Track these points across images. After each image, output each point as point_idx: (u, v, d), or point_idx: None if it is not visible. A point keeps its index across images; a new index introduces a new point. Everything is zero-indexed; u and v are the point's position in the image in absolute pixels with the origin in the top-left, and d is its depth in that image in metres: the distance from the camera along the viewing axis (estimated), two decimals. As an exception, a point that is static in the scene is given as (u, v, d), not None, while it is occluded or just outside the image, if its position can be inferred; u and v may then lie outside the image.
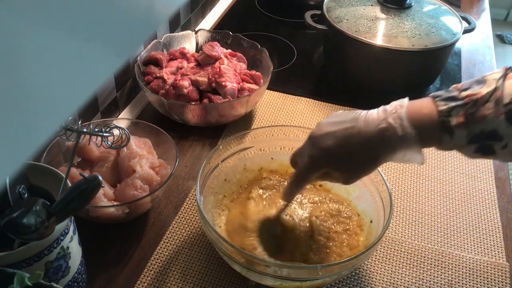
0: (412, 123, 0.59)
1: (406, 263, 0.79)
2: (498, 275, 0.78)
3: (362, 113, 0.63)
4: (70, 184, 0.60)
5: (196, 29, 1.18)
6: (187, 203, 0.87)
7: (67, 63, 0.21)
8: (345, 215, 0.79)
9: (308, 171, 0.68)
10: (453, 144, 0.59)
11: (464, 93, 0.59)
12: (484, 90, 0.58)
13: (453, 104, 0.58)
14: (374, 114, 0.62)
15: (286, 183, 0.72)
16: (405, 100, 0.62)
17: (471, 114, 0.57)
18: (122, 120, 0.95)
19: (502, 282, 0.77)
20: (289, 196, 0.74)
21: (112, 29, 0.23)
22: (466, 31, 1.14)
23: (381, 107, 0.63)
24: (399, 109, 0.61)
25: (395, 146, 0.61)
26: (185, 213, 0.85)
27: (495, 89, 0.57)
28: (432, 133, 0.59)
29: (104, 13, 0.22)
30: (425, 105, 0.60)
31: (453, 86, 0.61)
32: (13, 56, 0.18)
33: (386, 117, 0.61)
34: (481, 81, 0.59)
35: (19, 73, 0.18)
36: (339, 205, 0.81)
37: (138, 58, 1.05)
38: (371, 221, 0.77)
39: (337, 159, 0.65)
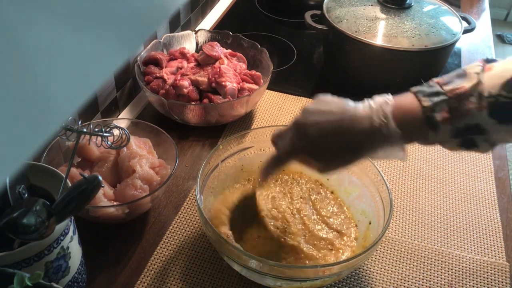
0: (397, 122, 0.59)
1: (406, 263, 0.79)
2: (498, 275, 0.78)
3: (350, 106, 0.63)
4: (70, 184, 0.60)
5: (196, 29, 1.18)
6: (187, 203, 0.87)
7: (70, 59, 0.21)
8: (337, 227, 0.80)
9: (287, 155, 0.68)
10: (438, 139, 0.60)
11: (447, 88, 0.59)
12: (466, 84, 0.58)
13: (436, 99, 0.59)
14: (361, 110, 0.62)
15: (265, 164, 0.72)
16: (390, 97, 0.62)
17: (456, 109, 0.58)
18: (122, 120, 0.95)
19: (502, 282, 0.77)
20: (265, 176, 0.74)
21: (120, 21, 0.23)
22: (466, 31, 1.14)
23: (366, 103, 0.63)
24: (385, 107, 0.61)
25: (379, 143, 0.61)
26: (185, 213, 0.85)
27: (477, 83, 0.58)
28: (417, 130, 0.60)
29: (111, 4, 0.22)
30: (409, 102, 0.60)
31: (434, 80, 0.61)
32: (14, 54, 0.18)
33: (372, 115, 0.61)
34: (462, 75, 0.60)
35: (21, 71, 0.18)
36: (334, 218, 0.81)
37: (138, 58, 1.05)
38: (370, 223, 0.77)
39: (319, 149, 0.65)
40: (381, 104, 0.61)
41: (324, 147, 0.64)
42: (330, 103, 0.65)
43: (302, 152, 0.67)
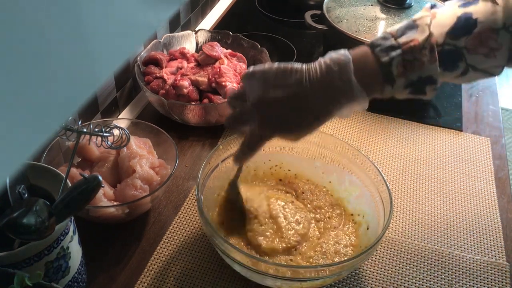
0: (359, 80, 0.62)
1: (406, 263, 0.79)
2: (498, 275, 0.78)
3: (304, 73, 0.64)
4: (70, 184, 0.60)
5: (196, 29, 1.18)
6: (187, 203, 0.87)
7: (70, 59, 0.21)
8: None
9: (259, 138, 0.69)
10: (393, 92, 0.63)
11: (401, 40, 0.62)
12: (419, 37, 0.61)
13: (393, 54, 0.61)
14: (318, 74, 0.63)
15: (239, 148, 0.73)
16: (347, 53, 0.63)
17: (410, 62, 0.61)
18: (122, 120, 0.95)
19: (502, 282, 0.77)
20: (240, 161, 0.75)
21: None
22: (466, 31, 1.14)
23: (323, 64, 0.64)
24: (344, 66, 0.62)
25: (343, 102, 0.63)
26: (185, 213, 0.85)
27: (429, 35, 0.61)
28: (375, 85, 0.63)
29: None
30: (367, 58, 0.63)
31: (388, 31, 0.64)
32: (14, 52, 0.18)
33: (333, 78, 0.62)
34: (413, 26, 0.63)
35: (19, 69, 0.18)
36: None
37: (138, 58, 1.05)
38: (367, 228, 0.77)
39: (288, 121, 0.66)
40: (339, 63, 0.63)
41: (293, 119, 0.65)
42: (284, 74, 0.66)
43: (271, 130, 0.67)
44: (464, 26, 0.61)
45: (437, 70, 0.61)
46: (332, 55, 0.64)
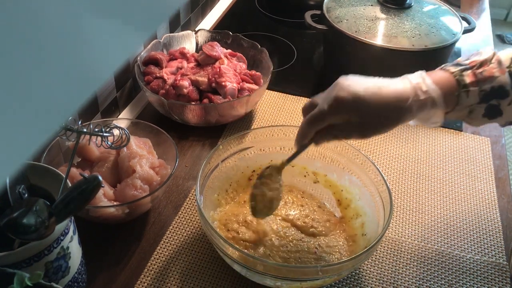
0: (438, 87, 0.65)
1: (406, 263, 0.79)
2: (498, 275, 0.78)
3: (411, 99, 0.65)
4: (70, 184, 0.60)
5: (196, 29, 1.18)
6: (187, 203, 0.87)
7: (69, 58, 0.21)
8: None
9: (329, 112, 0.65)
10: (468, 102, 0.65)
11: (467, 61, 0.67)
12: (484, 56, 0.66)
13: (462, 67, 0.66)
14: (400, 83, 0.65)
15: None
16: (422, 72, 0.67)
17: (480, 74, 0.65)
18: (122, 120, 0.95)
19: (502, 282, 0.77)
20: (302, 139, 0.69)
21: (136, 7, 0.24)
22: (466, 31, 1.14)
23: (405, 79, 0.66)
24: (425, 77, 0.65)
25: (423, 108, 0.65)
26: (185, 213, 0.85)
27: (493, 54, 0.66)
28: (452, 93, 0.65)
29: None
30: (439, 73, 0.67)
31: (454, 61, 0.69)
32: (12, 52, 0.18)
33: (415, 88, 0.64)
34: (477, 54, 0.68)
35: (20, 69, 0.18)
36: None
37: (138, 58, 1.05)
38: (363, 234, 0.77)
39: (365, 107, 0.63)
40: (418, 78, 0.66)
41: (372, 106, 0.64)
42: (365, 82, 0.66)
43: (347, 109, 0.64)
44: None
45: (508, 81, 0.64)
46: (410, 75, 0.66)
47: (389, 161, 0.98)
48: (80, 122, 0.69)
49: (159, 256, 0.78)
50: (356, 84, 0.64)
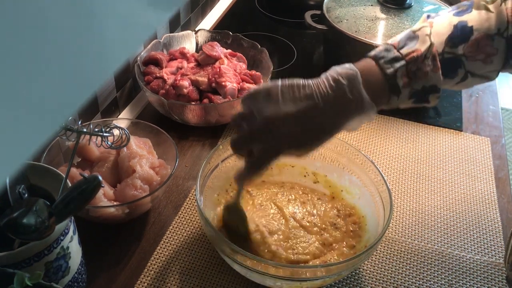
0: (367, 92, 0.62)
1: (406, 263, 0.79)
2: (498, 275, 0.78)
3: (312, 87, 0.62)
4: (70, 184, 0.60)
5: (196, 29, 1.18)
6: (187, 203, 0.87)
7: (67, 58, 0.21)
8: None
9: (272, 156, 0.65)
10: (398, 102, 0.64)
11: (403, 51, 0.63)
12: (420, 47, 0.63)
13: (397, 65, 0.62)
14: (328, 89, 0.62)
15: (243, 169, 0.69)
16: (353, 67, 0.63)
17: (414, 73, 0.62)
18: (122, 120, 0.95)
19: (502, 282, 0.77)
20: (245, 181, 0.71)
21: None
22: (466, 31, 1.14)
23: (330, 78, 0.62)
24: (353, 80, 0.62)
25: (354, 115, 0.63)
26: (185, 213, 0.85)
27: (430, 45, 0.62)
28: (382, 97, 0.64)
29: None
30: (372, 71, 0.63)
31: (389, 43, 0.65)
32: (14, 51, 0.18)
33: (343, 92, 0.61)
34: (413, 37, 0.64)
35: (20, 69, 0.18)
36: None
37: (138, 58, 1.05)
38: (367, 228, 0.77)
39: (300, 138, 0.63)
40: (348, 77, 0.62)
41: (306, 134, 0.63)
42: (292, 90, 0.63)
43: (285, 147, 0.64)
44: (461, 34, 0.63)
45: (441, 79, 0.63)
46: (338, 69, 0.63)
47: (389, 161, 0.98)
48: (80, 122, 0.69)
49: (159, 256, 0.78)
50: (286, 119, 0.62)
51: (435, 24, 0.65)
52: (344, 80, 0.62)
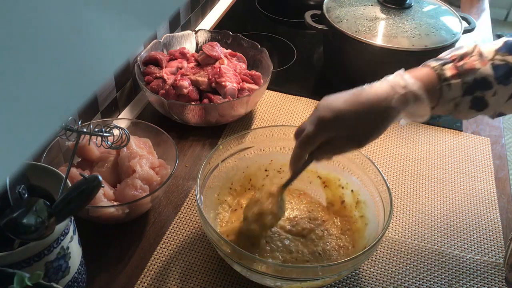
0: (418, 80, 0.64)
1: (406, 263, 0.79)
2: (498, 275, 0.78)
3: (388, 100, 0.64)
4: (70, 184, 0.60)
5: (196, 29, 1.18)
6: (187, 203, 0.87)
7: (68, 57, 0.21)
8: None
9: (316, 133, 0.66)
10: (451, 95, 0.65)
11: (448, 55, 0.67)
12: (464, 49, 0.66)
13: (442, 61, 0.66)
14: (377, 85, 0.66)
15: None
16: (401, 71, 0.67)
17: (461, 66, 0.65)
18: (122, 120, 0.95)
19: (502, 282, 0.77)
20: (295, 162, 0.71)
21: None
22: (466, 31, 1.14)
23: (383, 81, 0.66)
24: (403, 74, 0.65)
25: (406, 103, 0.64)
26: (185, 213, 0.85)
27: (474, 47, 0.66)
28: (433, 87, 0.65)
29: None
30: (419, 69, 0.67)
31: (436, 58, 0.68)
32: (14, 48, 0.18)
33: (392, 85, 0.64)
34: (459, 48, 0.68)
35: (20, 68, 0.18)
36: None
37: (138, 58, 1.05)
38: (367, 228, 0.77)
39: (348, 119, 0.65)
40: (396, 75, 0.66)
41: (354, 117, 0.65)
42: (343, 95, 0.67)
43: (332, 127, 0.66)
44: (510, 49, 0.65)
45: (491, 73, 0.64)
46: (389, 76, 0.66)
47: (389, 161, 0.98)
48: (80, 122, 0.69)
49: (159, 256, 0.78)
50: (335, 100, 0.66)
51: (481, 46, 0.67)
52: (392, 80, 0.65)
